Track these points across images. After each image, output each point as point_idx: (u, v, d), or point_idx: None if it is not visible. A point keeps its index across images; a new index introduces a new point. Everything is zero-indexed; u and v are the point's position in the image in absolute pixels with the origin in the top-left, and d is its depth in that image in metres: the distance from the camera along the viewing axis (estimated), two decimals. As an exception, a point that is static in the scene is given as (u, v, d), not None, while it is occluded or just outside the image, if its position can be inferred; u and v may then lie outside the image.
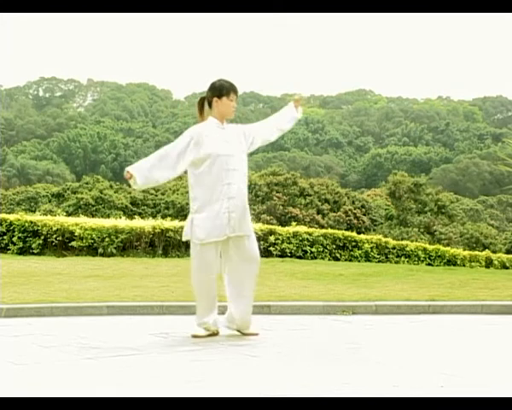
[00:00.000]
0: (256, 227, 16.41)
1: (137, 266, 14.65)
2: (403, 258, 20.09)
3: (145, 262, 15.81)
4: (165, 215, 35.67)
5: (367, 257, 19.40)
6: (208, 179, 7.09)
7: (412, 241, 26.72)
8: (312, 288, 11.34)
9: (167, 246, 17.88)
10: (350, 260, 19.09)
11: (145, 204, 48.80)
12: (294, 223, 21.24)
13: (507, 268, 21.90)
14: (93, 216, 34.62)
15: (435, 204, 47.33)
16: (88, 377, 5.35)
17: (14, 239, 17.75)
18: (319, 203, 45.50)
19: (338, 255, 19.19)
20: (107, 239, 17.41)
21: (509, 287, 11.84)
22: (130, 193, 50.51)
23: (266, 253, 17.62)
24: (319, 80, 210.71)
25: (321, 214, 44.43)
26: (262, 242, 17.61)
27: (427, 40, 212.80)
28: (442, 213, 47.32)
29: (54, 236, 17.56)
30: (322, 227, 32.81)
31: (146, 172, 7.06)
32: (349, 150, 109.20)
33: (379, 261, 19.38)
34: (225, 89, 7.25)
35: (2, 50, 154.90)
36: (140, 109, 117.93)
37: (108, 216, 36.94)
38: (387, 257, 19.82)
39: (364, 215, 45.57)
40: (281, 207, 43.59)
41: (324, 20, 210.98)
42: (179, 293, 10.27)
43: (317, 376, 5.40)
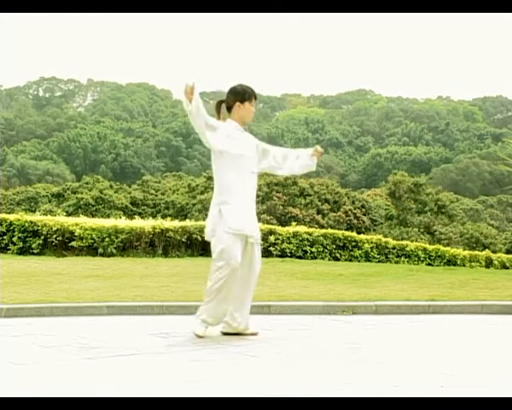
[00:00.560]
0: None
1: (137, 266, 14.65)
2: (403, 258, 20.09)
3: (145, 262, 15.82)
4: (165, 215, 35.73)
5: (367, 257, 19.41)
6: (233, 176, 7.09)
7: (412, 241, 26.72)
8: (312, 288, 11.34)
9: (167, 246, 17.89)
10: (350, 260, 19.11)
11: (145, 204, 48.82)
12: (294, 223, 21.26)
13: (507, 268, 21.89)
14: (93, 216, 34.66)
15: (435, 204, 47.28)
16: (88, 377, 5.34)
17: (14, 239, 17.76)
18: (319, 203, 45.47)
19: (338, 255, 19.19)
20: (107, 239, 17.42)
21: (509, 287, 11.85)
22: (130, 193, 50.57)
23: (266, 253, 17.60)
24: (319, 80, 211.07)
25: (321, 214, 44.40)
26: (262, 242, 17.54)
27: (427, 40, 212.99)
28: (442, 213, 47.27)
29: (54, 236, 17.56)
30: (322, 227, 32.81)
31: (200, 104, 7.00)
32: (349, 150, 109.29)
33: (379, 261, 19.39)
34: (248, 94, 7.38)
35: (2, 50, 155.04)
36: (140, 109, 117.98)
37: (108, 216, 36.99)
38: (387, 257, 19.82)
39: (364, 215, 45.54)
40: (281, 207, 43.54)
41: (324, 20, 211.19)
42: (179, 293, 10.28)
43: (317, 376, 5.40)
